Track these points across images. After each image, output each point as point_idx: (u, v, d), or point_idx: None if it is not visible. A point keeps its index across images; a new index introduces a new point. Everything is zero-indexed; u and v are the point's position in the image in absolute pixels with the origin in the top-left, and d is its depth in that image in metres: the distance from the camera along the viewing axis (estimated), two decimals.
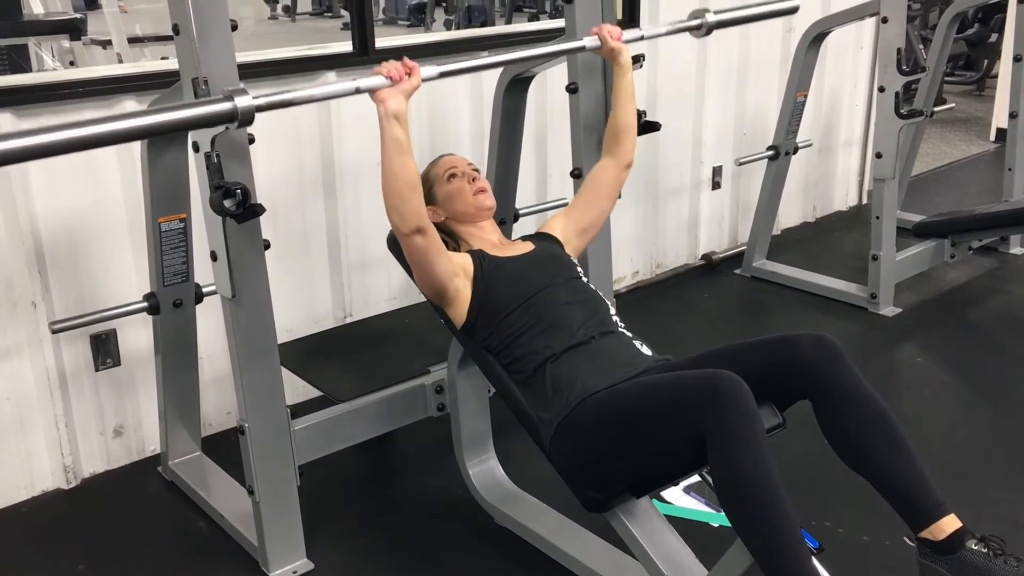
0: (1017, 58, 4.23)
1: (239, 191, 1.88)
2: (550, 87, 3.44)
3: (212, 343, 2.81)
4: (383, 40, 3.12)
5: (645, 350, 2.08)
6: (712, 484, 1.75)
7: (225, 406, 2.98)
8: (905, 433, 1.86)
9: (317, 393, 2.77)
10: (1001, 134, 6.16)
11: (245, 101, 1.76)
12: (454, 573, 2.31)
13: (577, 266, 2.25)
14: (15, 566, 2.38)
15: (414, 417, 2.59)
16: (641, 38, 2.42)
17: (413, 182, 1.92)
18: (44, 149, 1.57)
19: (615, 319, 2.14)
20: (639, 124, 2.38)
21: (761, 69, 4.35)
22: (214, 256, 2.01)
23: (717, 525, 2.43)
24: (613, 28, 2.32)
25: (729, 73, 4.23)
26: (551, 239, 2.31)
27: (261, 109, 1.80)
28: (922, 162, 5.72)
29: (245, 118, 1.77)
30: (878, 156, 3.68)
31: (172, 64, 2.25)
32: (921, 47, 6.48)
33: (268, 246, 2.06)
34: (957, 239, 4.01)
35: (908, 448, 1.85)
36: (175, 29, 1.88)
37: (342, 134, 3.05)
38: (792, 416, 1.89)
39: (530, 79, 2.73)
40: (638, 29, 2.43)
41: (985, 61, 8.22)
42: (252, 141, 1.98)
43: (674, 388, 1.78)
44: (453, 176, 2.25)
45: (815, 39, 3.89)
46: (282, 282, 2.90)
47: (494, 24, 9.39)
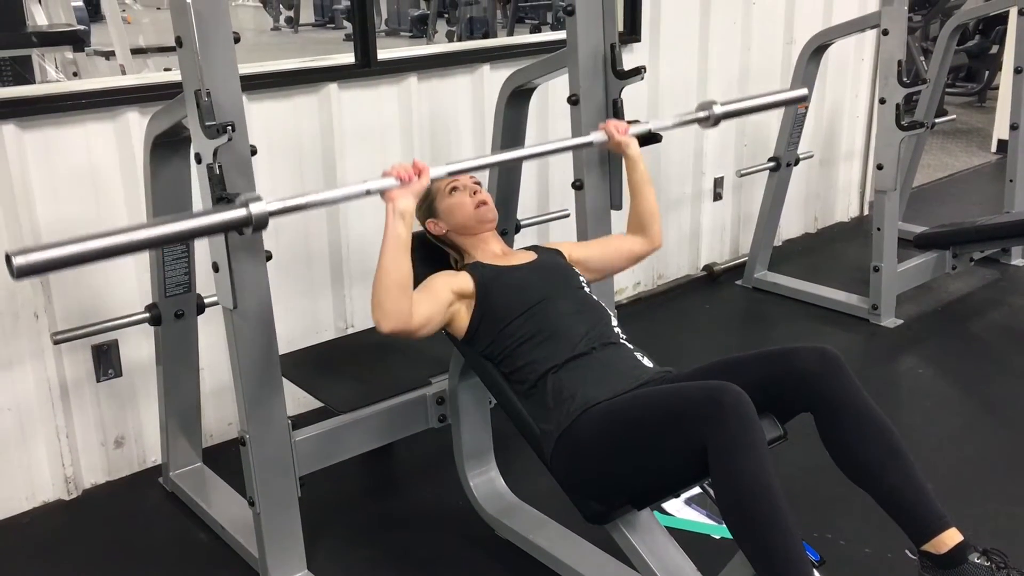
0: (1018, 70, 4.24)
1: None
2: (551, 98, 3.45)
3: (213, 354, 2.80)
4: (385, 52, 3.11)
5: (646, 362, 2.08)
6: (713, 496, 1.75)
7: (226, 417, 2.98)
8: (906, 446, 1.87)
9: (318, 404, 2.76)
10: (1002, 145, 6.16)
11: (259, 207, 1.82)
12: None
13: (580, 276, 2.25)
14: None
15: (415, 428, 2.58)
16: (649, 132, 2.39)
17: (404, 282, 1.93)
18: (65, 261, 1.67)
19: (616, 330, 2.14)
20: (642, 138, 2.38)
21: (762, 80, 4.36)
22: (216, 267, 2.01)
23: (719, 537, 2.43)
24: (620, 123, 2.34)
25: (730, 84, 4.24)
26: (555, 252, 2.31)
27: (275, 214, 1.85)
28: (923, 173, 5.72)
29: (259, 223, 1.83)
30: (879, 168, 3.68)
31: (175, 76, 2.25)
32: (922, 59, 6.49)
33: (270, 257, 2.06)
34: (958, 250, 4.01)
35: (909, 461, 1.85)
36: (178, 41, 1.89)
37: (344, 145, 3.05)
38: (793, 428, 1.90)
39: (532, 90, 2.74)
40: (644, 123, 2.39)
41: (986, 73, 8.23)
42: (254, 153, 1.98)
43: (676, 400, 1.79)
44: (455, 189, 2.25)
45: (816, 51, 3.90)
46: (284, 293, 2.90)
47: (496, 35, 9.39)
